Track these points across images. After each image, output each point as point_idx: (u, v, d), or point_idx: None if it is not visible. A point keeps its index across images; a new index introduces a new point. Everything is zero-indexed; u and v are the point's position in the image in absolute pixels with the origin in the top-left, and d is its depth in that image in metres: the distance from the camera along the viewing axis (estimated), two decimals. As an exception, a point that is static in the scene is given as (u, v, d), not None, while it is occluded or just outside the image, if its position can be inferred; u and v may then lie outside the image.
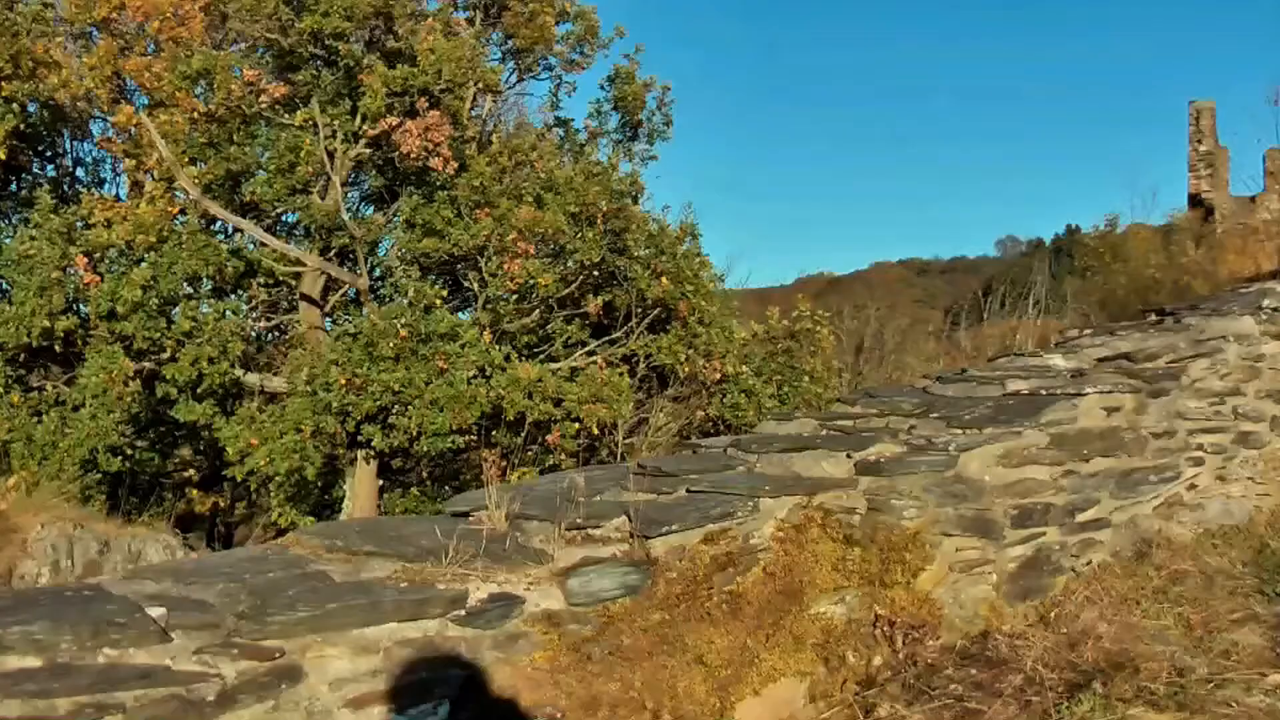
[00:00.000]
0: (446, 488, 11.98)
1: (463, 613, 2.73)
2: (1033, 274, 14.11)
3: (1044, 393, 4.27)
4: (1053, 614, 3.93)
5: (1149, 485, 4.45)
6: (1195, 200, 21.01)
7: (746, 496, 3.35)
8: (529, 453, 10.97)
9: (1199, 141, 22.39)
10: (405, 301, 10.71)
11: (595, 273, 11.45)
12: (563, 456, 10.51)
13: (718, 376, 11.37)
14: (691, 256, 11.88)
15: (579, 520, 3.09)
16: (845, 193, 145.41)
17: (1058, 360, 4.73)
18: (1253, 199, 20.84)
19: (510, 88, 13.54)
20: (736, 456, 3.80)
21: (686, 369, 11.36)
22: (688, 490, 3.42)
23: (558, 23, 12.81)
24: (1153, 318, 5.66)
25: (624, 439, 11.08)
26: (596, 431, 10.58)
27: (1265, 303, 5.41)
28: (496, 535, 3.00)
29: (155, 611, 2.32)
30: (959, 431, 3.92)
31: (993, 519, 3.82)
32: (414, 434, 9.96)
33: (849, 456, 3.70)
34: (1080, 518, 4.13)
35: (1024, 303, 13.87)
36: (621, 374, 10.92)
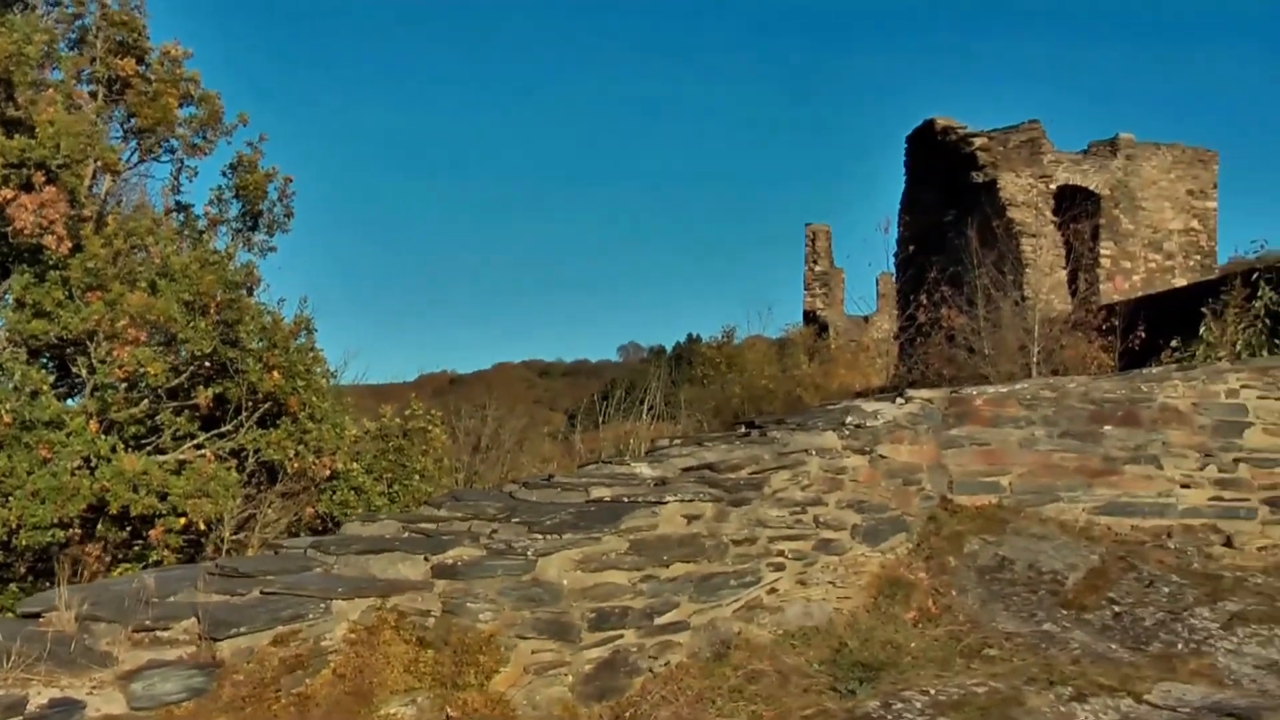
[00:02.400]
0: (47, 583, 12.04)
1: (21, 719, 3.35)
2: (649, 379, 16.30)
3: (626, 500, 5.48)
4: (628, 713, 5.06)
5: (729, 589, 5.75)
6: (811, 317, 25.28)
7: (320, 598, 4.21)
8: (134, 548, 11.35)
9: (815, 262, 26.93)
10: (10, 385, 10.96)
11: (207, 363, 12.18)
12: (166, 552, 10.98)
13: (328, 473, 12.38)
14: (305, 351, 12.87)
15: (148, 622, 3.81)
16: (470, 295, 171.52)
17: (644, 469, 6.00)
18: (866, 318, 25.44)
19: (131, 168, 14.28)
20: (316, 558, 4.65)
21: (296, 464, 12.25)
22: (262, 591, 4.23)
23: (181, 105, 13.74)
24: (742, 430, 7.15)
25: (231, 535, 11.68)
26: (203, 527, 11.15)
27: (849, 419, 7.05)
28: (64, 637, 3.66)
29: None
30: (540, 536, 5.00)
31: (570, 622, 4.90)
32: (14, 526, 10.20)
33: (427, 559, 4.66)
34: (659, 620, 5.32)
35: (640, 407, 15.95)
36: (230, 468, 11.60)
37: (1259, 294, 13.16)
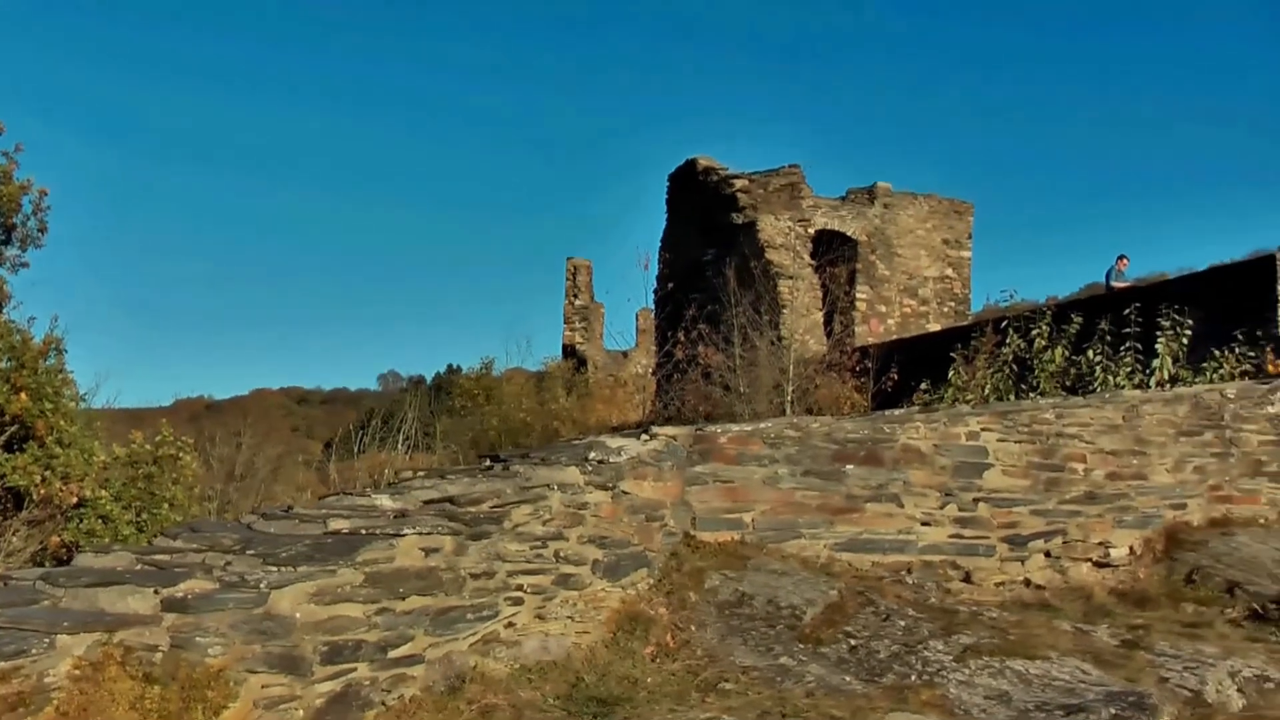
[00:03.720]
0: None
1: None
2: (405, 410, 17.14)
3: (364, 532, 6.07)
4: (358, 746, 5.62)
5: (466, 623, 6.41)
6: (570, 350, 27.09)
7: (44, 633, 4.64)
8: None
9: (575, 295, 28.82)
10: None
11: (-51, 384, 12.10)
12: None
13: (75, 500, 12.48)
14: (54, 373, 12.94)
15: None
16: (229, 318, 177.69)
17: (385, 500, 6.59)
18: (625, 353, 27.40)
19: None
20: (45, 590, 5.05)
21: (43, 491, 12.32)
22: (-20, 627, 4.60)
23: (-80, 113, 13.65)
24: (486, 463, 7.84)
25: (-31, 564, 11.69)
26: (-58, 557, 11.14)
27: (592, 455, 7.83)
28: None
29: None
30: (274, 569, 5.53)
31: (302, 655, 5.44)
32: None
33: (157, 592, 5.13)
34: (393, 654, 5.93)
35: (396, 437, 16.75)
36: (-28, 494, 11.63)
37: (1008, 341, 14.86)
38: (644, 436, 8.71)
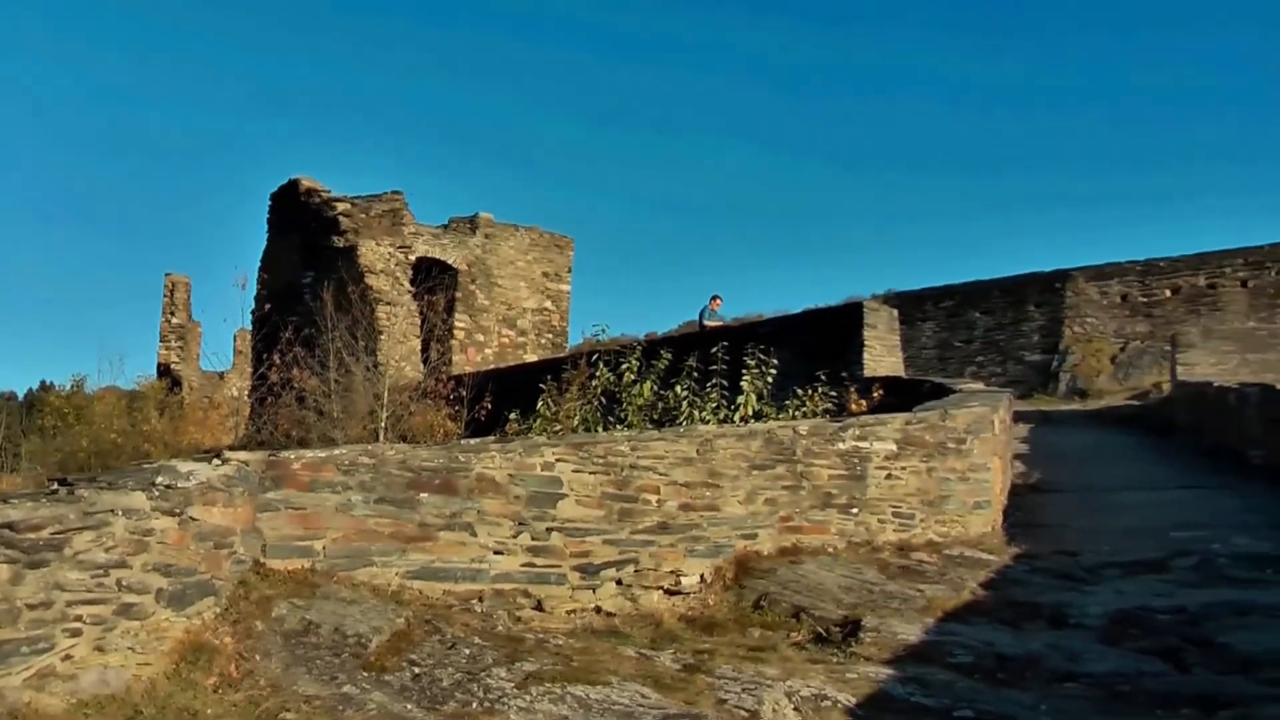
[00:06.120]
0: None
1: None
2: None
3: (-86, 562, 6.55)
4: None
5: (20, 656, 6.96)
6: (165, 370, 27.88)
7: None
8: None
9: (173, 314, 29.83)
10: None
11: None
12: None
13: None
14: None
15: None
16: None
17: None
18: (222, 375, 28.46)
19: None
20: None
21: None
22: None
23: None
24: (53, 487, 8.35)
25: None
26: None
27: (160, 479, 8.47)
28: None
29: None
30: None
31: None
32: None
33: None
34: (-59, 688, 6.44)
35: None
36: None
37: (598, 374, 16.50)
38: (215, 461, 9.38)
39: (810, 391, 16.31)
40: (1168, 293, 43.10)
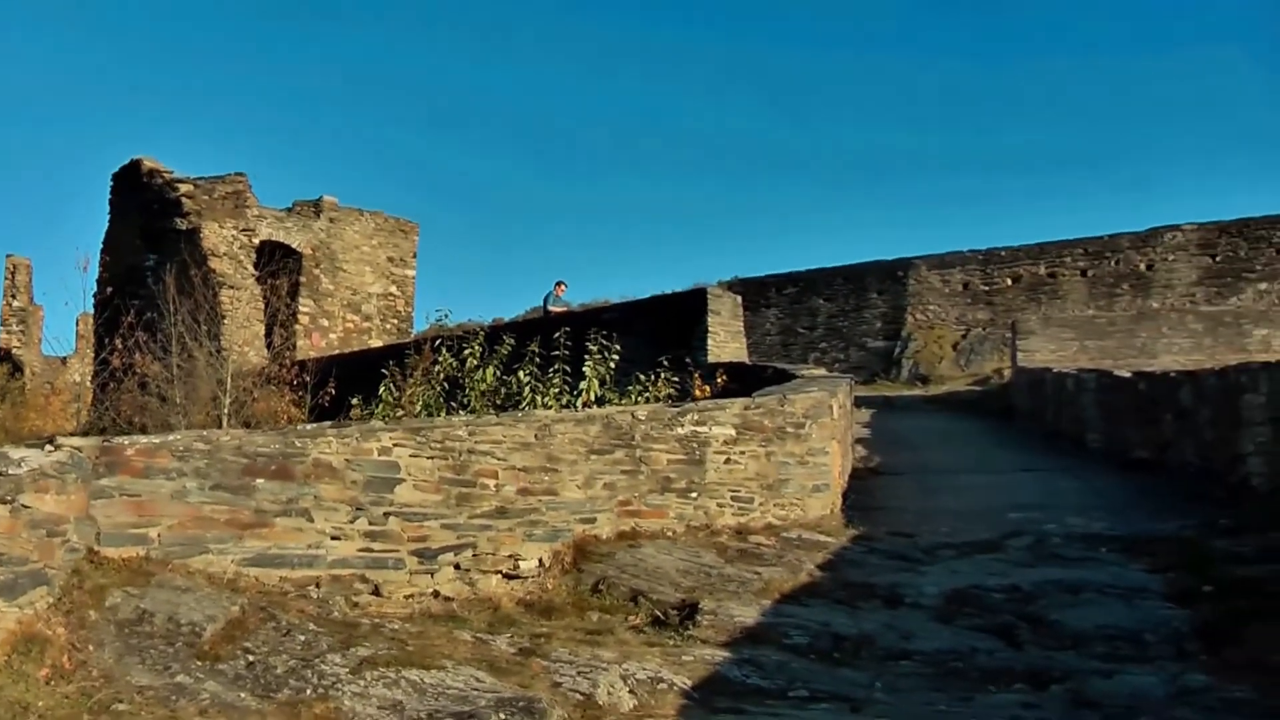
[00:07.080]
0: None
1: None
2: None
3: None
4: None
5: None
6: (6, 355, 27.49)
7: None
8: None
9: (14, 297, 29.41)
10: None
11: None
12: None
13: None
14: None
15: None
16: None
17: None
18: (64, 360, 28.16)
19: None
20: None
21: None
22: None
23: None
24: None
25: None
26: None
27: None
28: None
29: None
30: None
31: None
32: None
33: None
34: None
35: None
36: None
37: (441, 359, 16.67)
38: (48, 447, 9.36)
39: (654, 377, 16.61)
40: (1009, 281, 44.49)
